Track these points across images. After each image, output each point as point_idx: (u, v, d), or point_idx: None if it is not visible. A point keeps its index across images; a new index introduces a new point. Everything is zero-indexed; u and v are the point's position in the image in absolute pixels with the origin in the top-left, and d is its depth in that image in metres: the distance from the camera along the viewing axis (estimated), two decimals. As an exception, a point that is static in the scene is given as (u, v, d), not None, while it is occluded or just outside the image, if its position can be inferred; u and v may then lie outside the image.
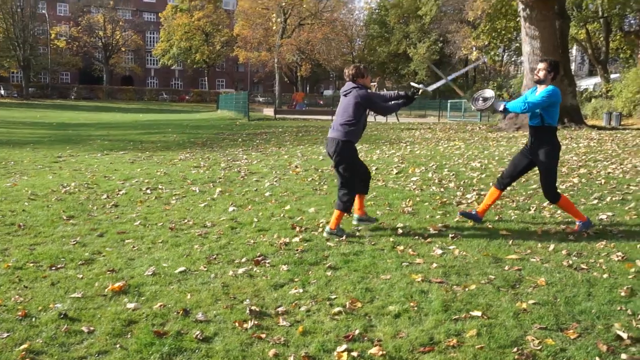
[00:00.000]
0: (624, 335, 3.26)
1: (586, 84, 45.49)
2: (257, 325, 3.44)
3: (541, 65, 5.42)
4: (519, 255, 4.83)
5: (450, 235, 5.41)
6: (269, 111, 33.77)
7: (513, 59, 57.37)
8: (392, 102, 5.80)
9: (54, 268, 4.49)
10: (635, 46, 37.02)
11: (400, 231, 5.61)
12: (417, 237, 5.40)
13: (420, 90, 5.74)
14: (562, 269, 4.46)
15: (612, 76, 34.34)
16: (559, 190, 5.69)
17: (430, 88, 5.85)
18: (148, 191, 7.81)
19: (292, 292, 3.99)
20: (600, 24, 34.09)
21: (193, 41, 65.83)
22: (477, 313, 3.61)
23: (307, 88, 78.36)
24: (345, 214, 5.59)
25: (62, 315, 3.53)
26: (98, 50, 69.08)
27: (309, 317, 3.59)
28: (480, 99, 5.59)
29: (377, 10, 65.81)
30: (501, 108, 5.42)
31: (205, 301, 3.84)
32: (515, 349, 3.14)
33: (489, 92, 5.64)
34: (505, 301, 3.82)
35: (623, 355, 3.04)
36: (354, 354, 3.09)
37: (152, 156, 11.85)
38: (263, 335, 3.30)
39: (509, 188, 7.71)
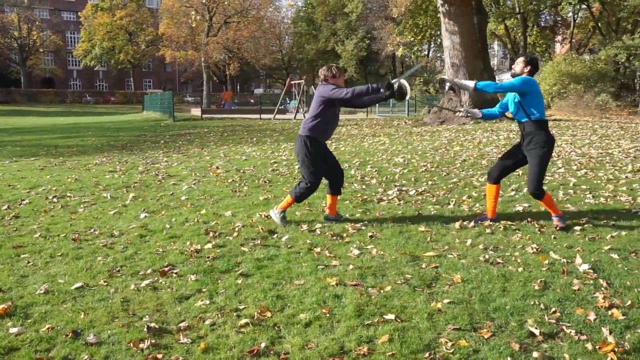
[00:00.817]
0: (536, 332, 3.19)
1: (508, 77, 46.96)
2: (154, 344, 3.16)
3: (519, 60, 5.35)
4: (436, 252, 4.74)
5: (369, 234, 5.28)
6: (197, 111, 32.98)
7: (438, 55, 58.64)
8: (367, 95, 5.42)
9: None
10: (550, 40, 38.61)
11: (318, 232, 5.43)
12: (335, 237, 5.23)
13: (397, 92, 5.38)
14: (478, 265, 4.40)
15: (531, 70, 35.55)
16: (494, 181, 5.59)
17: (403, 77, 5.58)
18: (55, 199, 7.31)
19: (197, 305, 3.73)
20: (518, 20, 35.30)
21: (116, 41, 63.66)
22: (391, 316, 3.46)
23: (237, 87, 77.54)
24: (295, 203, 5.78)
25: None
26: (14, 51, 65.70)
27: (213, 332, 3.34)
28: (446, 79, 5.54)
29: (304, 8, 65.78)
30: (471, 85, 5.29)
31: (100, 320, 3.52)
32: (427, 354, 3.00)
33: (446, 77, 5.62)
34: (420, 302, 3.69)
35: (535, 354, 2.95)
36: (257, 370, 2.87)
37: (66, 161, 11.21)
38: (160, 356, 3.03)
39: (430, 182, 7.71)
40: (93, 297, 3.91)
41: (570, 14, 37.18)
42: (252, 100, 58.43)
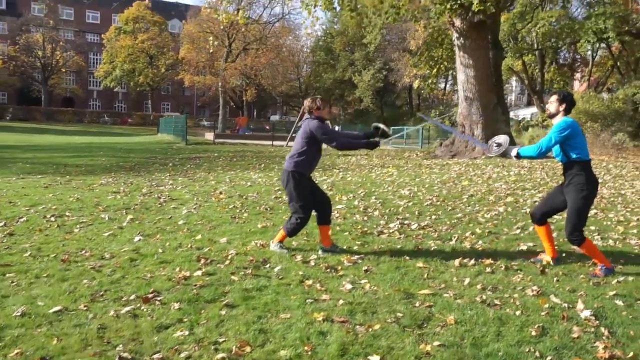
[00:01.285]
0: (528, 383, 2.98)
1: (524, 113, 46.95)
2: (122, 377, 3.01)
3: (552, 98, 4.99)
4: (432, 290, 4.55)
5: (364, 268, 5.11)
6: (211, 135, 33.09)
7: (455, 88, 58.65)
8: (351, 139, 5.79)
9: None
10: (568, 78, 38.51)
11: (312, 263, 5.27)
12: (329, 270, 5.07)
13: (380, 131, 5.68)
14: (474, 305, 4.20)
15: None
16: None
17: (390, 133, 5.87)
18: (52, 218, 7.22)
19: (176, 335, 3.57)
20: (536, 56, 35.28)
21: (137, 63, 64.55)
22: (376, 358, 3.28)
23: (254, 113, 77.98)
24: (288, 237, 5.73)
25: None
26: (37, 70, 66.81)
27: (186, 366, 3.18)
28: (494, 144, 5.38)
29: (323, 37, 66.37)
30: (514, 154, 5.08)
31: (72, 347, 3.37)
32: (409, 401, 2.81)
33: (502, 138, 5.41)
34: (409, 343, 3.51)
35: (524, 407, 2.75)
36: (225, 411, 2.69)
37: (72, 180, 11.18)
38: (125, 390, 2.87)
39: (434, 217, 7.53)
40: (70, 322, 3.77)
41: (589, 52, 37.08)
42: (267, 127, 58.67)
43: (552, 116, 4.97)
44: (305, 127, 5.49)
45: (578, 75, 44.38)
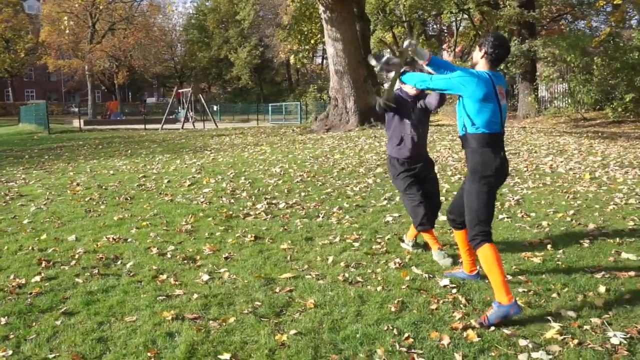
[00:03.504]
0: (384, 365, 2.85)
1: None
2: None
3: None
4: (294, 272, 4.35)
5: (224, 256, 4.81)
6: (79, 122, 30.93)
7: (331, 63, 59.08)
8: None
9: None
10: (436, 48, 40.06)
11: (169, 255, 4.89)
12: (186, 261, 4.72)
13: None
14: (336, 285, 4.05)
15: (420, 76, 36.61)
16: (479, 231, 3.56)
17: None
18: None
19: (-4, 357, 3.09)
20: (405, 28, 36.32)
21: (-9, 49, 59.16)
22: (226, 356, 3.01)
23: (129, 96, 74.44)
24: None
25: None
26: None
27: (3, 394, 2.74)
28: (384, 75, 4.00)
29: (195, 15, 64.31)
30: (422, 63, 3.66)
31: None
32: (257, 403, 2.57)
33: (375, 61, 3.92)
34: (264, 335, 3.27)
35: (377, 393, 2.60)
36: None
37: None
38: None
39: (303, 194, 7.35)
40: None
41: (454, 23, 38.72)
42: (143, 110, 56.19)
43: (473, 67, 3.64)
44: None
45: (445, 45, 46.30)
